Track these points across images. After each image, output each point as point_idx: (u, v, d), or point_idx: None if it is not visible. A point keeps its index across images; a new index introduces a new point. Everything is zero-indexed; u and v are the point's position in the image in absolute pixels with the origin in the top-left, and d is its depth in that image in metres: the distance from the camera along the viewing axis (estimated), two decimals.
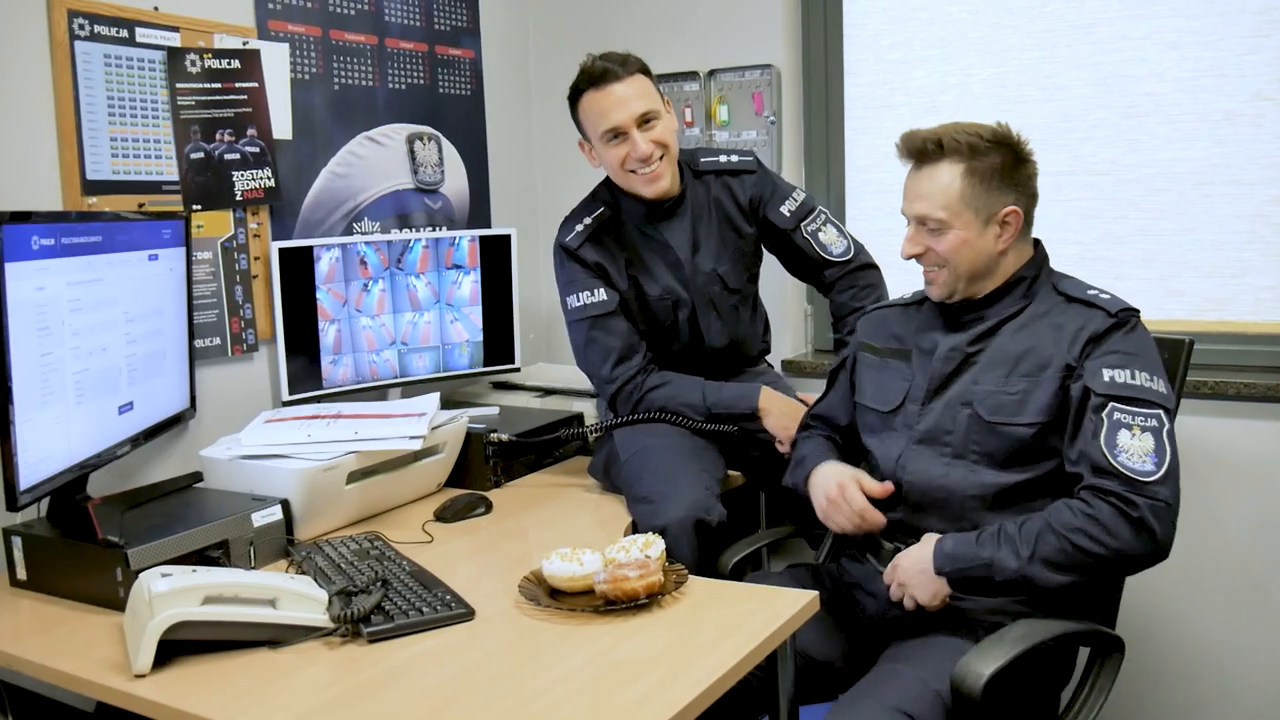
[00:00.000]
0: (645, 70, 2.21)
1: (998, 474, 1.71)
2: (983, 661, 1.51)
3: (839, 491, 1.80)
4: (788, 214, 2.33)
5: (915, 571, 1.70)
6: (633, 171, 2.19)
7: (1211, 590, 2.36)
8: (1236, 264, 2.37)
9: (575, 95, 2.22)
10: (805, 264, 2.37)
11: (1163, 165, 2.42)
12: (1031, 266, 1.78)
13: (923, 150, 1.75)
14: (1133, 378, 1.63)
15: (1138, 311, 1.70)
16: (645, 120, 2.17)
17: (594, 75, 2.17)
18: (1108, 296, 1.73)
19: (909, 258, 1.80)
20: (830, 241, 2.33)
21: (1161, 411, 1.63)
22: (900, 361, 1.87)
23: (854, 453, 1.97)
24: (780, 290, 2.75)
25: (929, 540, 1.71)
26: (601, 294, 2.24)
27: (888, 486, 1.79)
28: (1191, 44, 2.36)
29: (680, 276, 2.29)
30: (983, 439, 1.72)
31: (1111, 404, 1.62)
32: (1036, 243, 1.82)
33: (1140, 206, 2.46)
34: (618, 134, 2.17)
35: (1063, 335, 1.70)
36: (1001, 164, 1.72)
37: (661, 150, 2.19)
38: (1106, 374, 1.64)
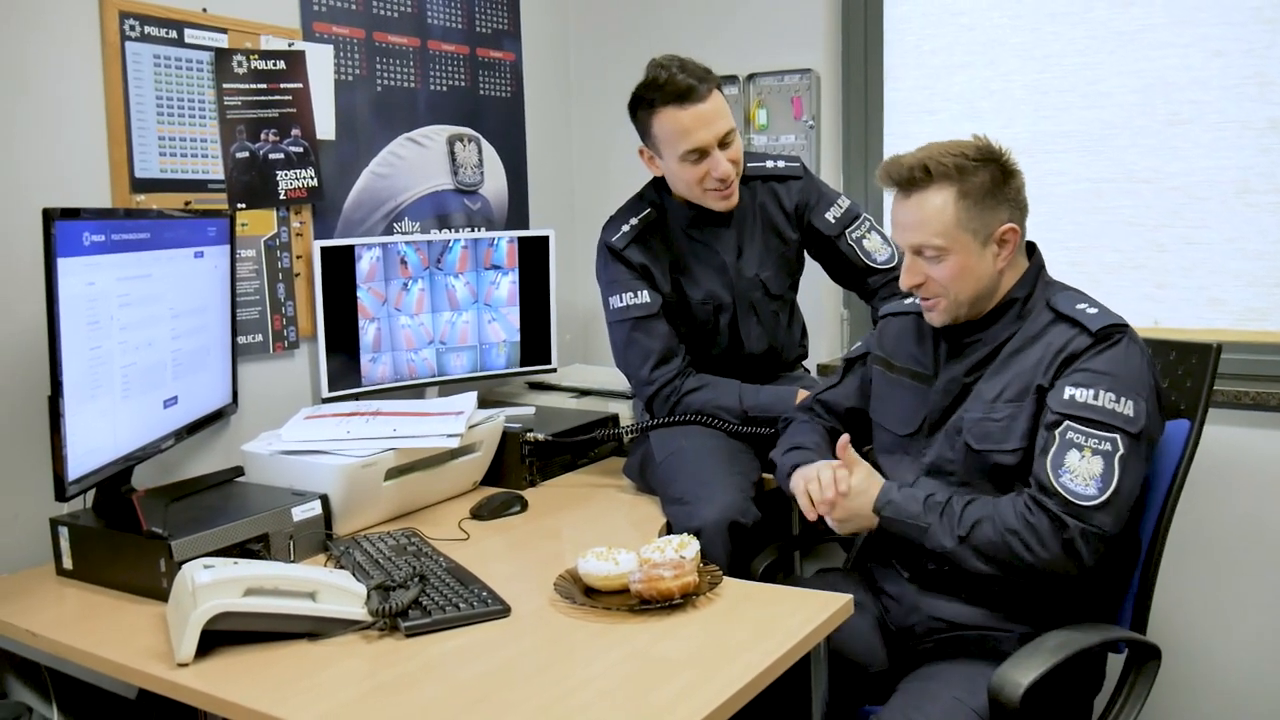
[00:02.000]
0: (719, 85, 2.18)
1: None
2: (1021, 671, 1.51)
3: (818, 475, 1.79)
4: (833, 220, 2.33)
5: (856, 493, 1.74)
6: (709, 189, 2.18)
7: (1248, 600, 2.33)
8: (1279, 273, 2.34)
9: (648, 105, 2.16)
10: (849, 271, 2.37)
11: (1206, 173, 2.39)
12: (1022, 286, 1.74)
13: (910, 178, 1.71)
14: (1095, 398, 1.60)
15: (1125, 327, 1.66)
16: (724, 139, 2.15)
17: (680, 91, 2.10)
18: (1095, 312, 1.68)
19: (909, 289, 1.77)
20: (874, 249, 2.33)
21: (1119, 435, 1.58)
22: (921, 385, 1.84)
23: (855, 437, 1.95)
24: (816, 295, 2.74)
25: (878, 481, 1.75)
26: (644, 296, 2.24)
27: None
28: (1236, 51, 2.33)
29: (724, 281, 2.30)
30: (981, 465, 1.71)
31: (1067, 422, 1.60)
32: (1031, 248, 1.78)
33: (1183, 215, 2.43)
34: (701, 153, 2.15)
35: (1045, 357, 1.67)
36: (991, 181, 1.69)
37: (737, 168, 2.19)
38: (1068, 392, 1.62)
